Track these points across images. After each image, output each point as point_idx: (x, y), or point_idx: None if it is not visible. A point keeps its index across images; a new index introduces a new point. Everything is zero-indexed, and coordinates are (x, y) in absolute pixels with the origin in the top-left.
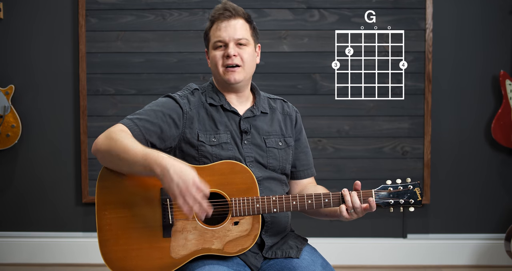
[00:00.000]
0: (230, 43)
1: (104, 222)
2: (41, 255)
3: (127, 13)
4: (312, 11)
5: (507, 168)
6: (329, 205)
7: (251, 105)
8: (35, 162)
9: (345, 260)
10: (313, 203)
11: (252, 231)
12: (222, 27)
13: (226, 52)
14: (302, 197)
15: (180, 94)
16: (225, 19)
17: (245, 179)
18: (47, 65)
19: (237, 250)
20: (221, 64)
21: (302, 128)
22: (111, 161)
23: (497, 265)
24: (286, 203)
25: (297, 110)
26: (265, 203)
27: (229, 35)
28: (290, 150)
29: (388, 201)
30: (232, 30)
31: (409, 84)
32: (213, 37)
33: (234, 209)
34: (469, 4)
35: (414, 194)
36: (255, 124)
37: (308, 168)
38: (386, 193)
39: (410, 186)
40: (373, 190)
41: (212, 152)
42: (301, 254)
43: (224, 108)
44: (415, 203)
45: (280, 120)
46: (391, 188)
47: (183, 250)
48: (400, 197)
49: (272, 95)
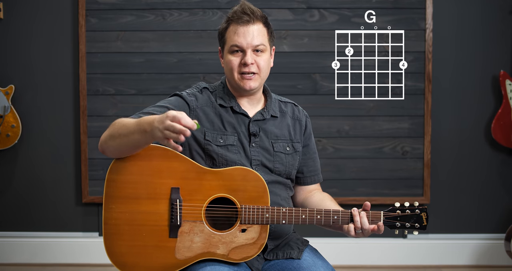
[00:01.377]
0: (247, 50)
1: (110, 215)
2: (41, 255)
3: (127, 13)
4: (312, 11)
5: (507, 168)
6: (338, 222)
7: (262, 108)
8: (35, 162)
9: (345, 260)
10: (322, 219)
11: (258, 240)
12: (240, 33)
13: (244, 59)
14: (312, 212)
15: (189, 92)
16: (244, 24)
17: (257, 187)
18: (47, 65)
19: (241, 257)
20: (237, 71)
21: (312, 134)
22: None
23: (497, 265)
24: (296, 216)
25: (307, 115)
26: (274, 214)
27: (247, 41)
28: (297, 155)
29: (395, 224)
30: (250, 37)
31: (409, 84)
32: (230, 41)
33: (243, 216)
34: (469, 4)
35: (420, 219)
36: (264, 128)
37: (315, 174)
38: (394, 216)
39: (418, 210)
40: (381, 212)
41: (219, 152)
42: (302, 255)
43: (234, 110)
44: (420, 228)
45: (289, 125)
46: (399, 211)
47: (188, 252)
48: (406, 221)
49: (283, 98)
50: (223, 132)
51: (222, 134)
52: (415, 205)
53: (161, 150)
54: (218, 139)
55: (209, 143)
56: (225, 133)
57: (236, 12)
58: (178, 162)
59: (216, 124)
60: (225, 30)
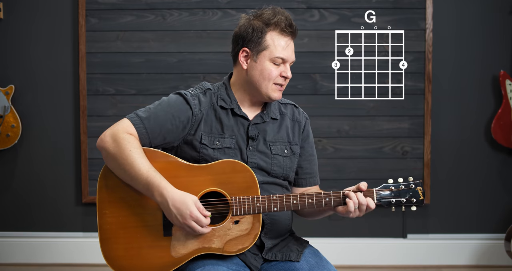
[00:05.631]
0: (287, 65)
1: (104, 220)
2: (41, 255)
3: (127, 13)
4: (312, 11)
5: (507, 168)
6: (330, 204)
7: (262, 110)
8: (35, 162)
9: (345, 260)
10: (314, 202)
11: (252, 230)
12: (285, 45)
13: (285, 73)
14: (302, 196)
15: (192, 93)
16: (288, 36)
17: (246, 178)
18: (47, 65)
19: (237, 249)
20: (273, 81)
21: (309, 136)
22: (114, 167)
23: (497, 265)
24: (287, 201)
25: (308, 117)
26: (265, 202)
27: (290, 56)
28: (295, 158)
29: (390, 200)
30: (291, 52)
31: (409, 84)
32: (276, 51)
33: (234, 207)
34: (469, 4)
35: (416, 193)
36: (263, 130)
37: (310, 177)
38: (387, 192)
39: (412, 184)
40: (374, 189)
41: (214, 155)
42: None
43: (234, 112)
44: (417, 202)
45: (288, 127)
46: (392, 186)
47: (184, 249)
48: (401, 196)
49: (283, 99)
50: (221, 135)
51: (220, 137)
52: (410, 180)
53: (149, 152)
54: (216, 141)
55: (204, 146)
56: (223, 136)
57: (279, 20)
58: (166, 162)
59: (214, 127)
60: (261, 33)
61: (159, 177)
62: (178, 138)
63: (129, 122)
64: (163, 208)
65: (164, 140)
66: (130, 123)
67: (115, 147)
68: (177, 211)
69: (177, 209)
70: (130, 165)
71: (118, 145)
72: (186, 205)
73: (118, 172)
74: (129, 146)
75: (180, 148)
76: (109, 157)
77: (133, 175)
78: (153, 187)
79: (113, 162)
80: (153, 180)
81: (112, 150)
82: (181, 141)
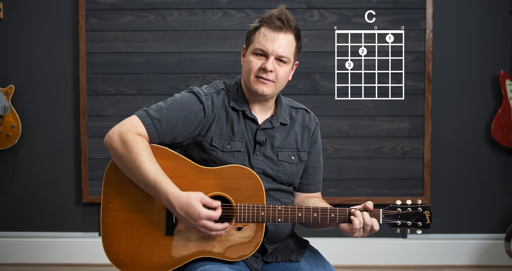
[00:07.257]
0: (270, 57)
1: (108, 214)
2: (41, 255)
3: (127, 13)
4: (312, 11)
5: (507, 168)
6: (335, 220)
7: (272, 115)
8: (35, 162)
9: (345, 260)
10: (319, 217)
11: (254, 238)
12: (269, 37)
13: (264, 65)
14: (308, 210)
15: (206, 92)
16: (275, 30)
17: (253, 185)
18: (47, 65)
19: (237, 256)
20: (254, 73)
21: (317, 142)
22: (121, 166)
23: (497, 265)
24: (292, 214)
25: (318, 122)
26: (270, 212)
27: (273, 48)
28: (302, 164)
29: (395, 222)
30: (277, 45)
31: (409, 84)
32: (257, 43)
33: (238, 214)
34: (469, 4)
35: (423, 217)
36: (271, 136)
37: (313, 183)
38: (394, 214)
39: (420, 208)
40: (380, 210)
41: (223, 158)
42: (302, 257)
43: (245, 115)
44: (423, 226)
45: (297, 133)
46: (399, 208)
47: (184, 250)
48: (408, 219)
49: (295, 103)
50: (231, 138)
51: (230, 140)
52: (418, 203)
53: (158, 149)
54: (226, 144)
55: (214, 148)
56: (233, 139)
57: (271, 15)
58: (174, 161)
59: (225, 130)
60: (255, 30)
61: (165, 181)
62: (188, 138)
63: (139, 121)
64: (174, 213)
65: (174, 140)
66: (140, 123)
67: (122, 148)
68: (186, 214)
69: (186, 212)
70: (137, 167)
71: (126, 146)
72: (193, 207)
73: (125, 171)
74: (137, 148)
75: (189, 148)
76: (116, 156)
77: (140, 177)
78: (160, 192)
79: (120, 162)
80: (159, 185)
81: (119, 150)
82: (191, 141)
